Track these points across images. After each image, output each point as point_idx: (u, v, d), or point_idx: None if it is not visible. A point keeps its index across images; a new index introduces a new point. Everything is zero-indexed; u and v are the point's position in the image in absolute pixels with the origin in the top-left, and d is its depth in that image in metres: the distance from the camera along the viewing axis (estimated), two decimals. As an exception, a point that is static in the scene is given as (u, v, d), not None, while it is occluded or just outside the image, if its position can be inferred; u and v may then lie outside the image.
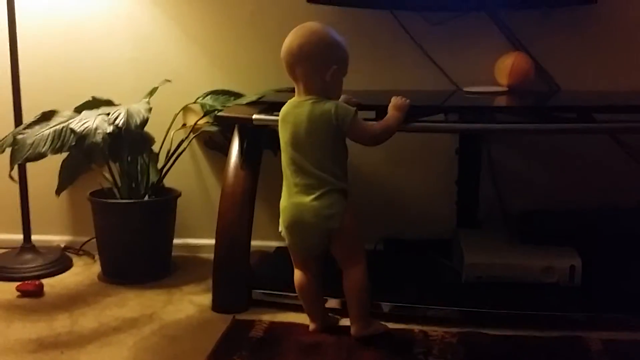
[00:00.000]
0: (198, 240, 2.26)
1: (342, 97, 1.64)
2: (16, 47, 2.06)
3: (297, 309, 1.75)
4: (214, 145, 2.20)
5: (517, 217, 2.04)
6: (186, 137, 2.13)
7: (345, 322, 1.66)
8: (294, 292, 1.77)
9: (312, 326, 1.66)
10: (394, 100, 1.62)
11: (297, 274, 1.64)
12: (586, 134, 2.00)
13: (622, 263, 1.90)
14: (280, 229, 1.62)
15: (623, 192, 2.06)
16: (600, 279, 1.82)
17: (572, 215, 2.00)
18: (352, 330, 1.59)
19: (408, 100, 1.62)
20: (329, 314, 1.70)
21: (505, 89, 1.98)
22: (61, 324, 1.75)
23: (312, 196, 1.53)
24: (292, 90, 2.05)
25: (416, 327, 1.67)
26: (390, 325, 1.66)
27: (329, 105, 1.53)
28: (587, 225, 1.97)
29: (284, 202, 1.59)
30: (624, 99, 1.90)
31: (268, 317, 1.75)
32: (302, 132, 1.54)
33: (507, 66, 1.95)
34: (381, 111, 1.63)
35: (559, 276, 1.79)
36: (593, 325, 1.64)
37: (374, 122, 1.59)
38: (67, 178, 2.21)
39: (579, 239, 1.88)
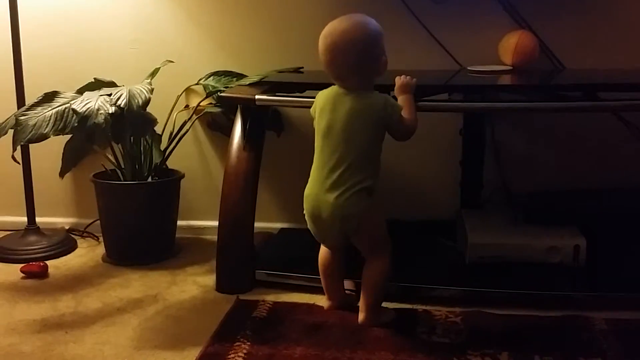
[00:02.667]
0: (201, 221, 2.26)
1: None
2: (18, 29, 2.05)
3: (300, 289, 1.76)
4: (216, 126, 2.19)
5: (521, 198, 2.03)
6: (189, 119, 2.13)
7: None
8: (298, 272, 1.78)
9: (327, 304, 1.66)
10: (400, 81, 1.59)
11: (322, 250, 1.63)
12: (591, 113, 1.99)
13: (626, 243, 1.89)
14: (304, 212, 1.58)
15: (627, 172, 2.04)
16: (604, 259, 1.81)
17: (576, 195, 2.00)
18: (360, 318, 1.58)
19: (414, 79, 1.60)
20: (347, 292, 1.70)
21: (509, 67, 1.96)
22: (65, 304, 1.76)
23: (335, 193, 1.49)
24: (295, 71, 2.06)
25: (420, 307, 1.67)
26: (395, 305, 1.66)
27: (378, 99, 1.51)
28: (591, 205, 1.96)
29: (308, 190, 1.56)
30: (628, 77, 1.88)
31: (272, 297, 1.75)
32: (340, 124, 1.51)
33: (512, 45, 1.94)
34: (384, 91, 1.62)
35: (562, 256, 1.79)
36: (597, 305, 1.64)
37: (406, 117, 1.54)
38: (70, 160, 2.21)
39: (583, 219, 1.88)
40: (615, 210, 1.95)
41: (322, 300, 1.68)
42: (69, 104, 1.81)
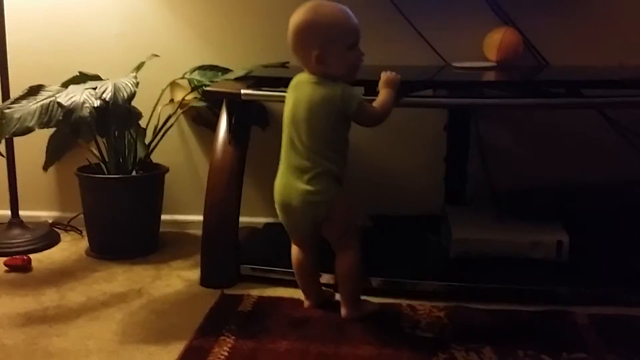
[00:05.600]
0: (186, 216, 2.26)
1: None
2: (3, 21, 2.04)
3: (285, 284, 1.76)
4: (201, 120, 2.19)
5: (504, 193, 2.05)
6: (174, 113, 2.12)
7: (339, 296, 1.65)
8: (282, 267, 1.78)
9: (306, 303, 1.66)
10: (384, 76, 1.59)
11: (294, 250, 1.63)
12: (574, 110, 2.01)
13: (609, 239, 1.91)
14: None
15: (611, 168, 2.07)
16: (587, 255, 1.83)
17: (560, 191, 2.02)
18: (342, 313, 1.59)
19: (398, 75, 1.60)
20: (324, 289, 1.70)
21: (494, 64, 1.98)
22: (49, 298, 1.75)
23: (303, 179, 1.51)
24: (281, 66, 2.06)
25: (404, 302, 1.68)
26: (379, 300, 1.67)
27: (334, 90, 1.50)
28: (574, 201, 1.98)
29: (277, 180, 1.57)
30: (612, 74, 1.90)
31: (257, 292, 1.75)
32: (301, 112, 1.51)
33: (496, 41, 1.95)
34: (370, 87, 1.63)
35: (546, 251, 1.80)
36: (580, 300, 1.65)
37: (373, 104, 1.54)
38: (54, 153, 2.20)
39: (566, 214, 1.89)
40: (598, 206, 1.97)
41: (306, 295, 1.69)
42: (54, 98, 1.80)
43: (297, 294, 1.69)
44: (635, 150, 2.04)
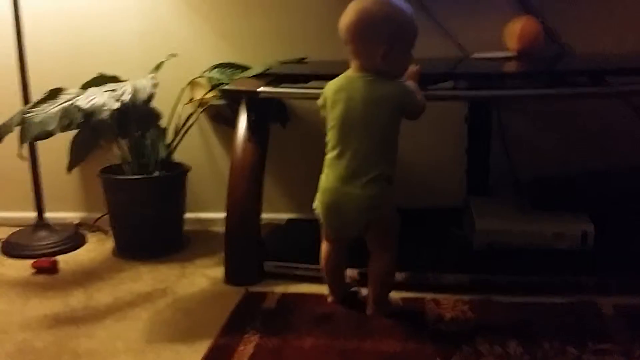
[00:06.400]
0: (209, 214, 2.27)
1: None
2: (21, 24, 2.06)
3: (309, 280, 1.77)
4: (221, 119, 2.19)
5: (527, 184, 2.03)
6: (194, 112, 2.13)
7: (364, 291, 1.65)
8: (306, 263, 1.78)
9: (330, 298, 1.66)
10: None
11: (326, 246, 1.61)
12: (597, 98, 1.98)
13: (634, 227, 1.88)
14: (315, 206, 1.55)
15: (635, 156, 2.03)
16: (612, 244, 1.81)
17: (583, 179, 1.99)
18: (368, 311, 1.59)
19: (419, 66, 1.59)
20: (348, 282, 1.70)
21: (514, 54, 1.95)
22: (76, 299, 1.77)
23: (357, 183, 1.47)
24: (299, 61, 2.06)
25: (428, 296, 1.67)
26: (402, 294, 1.67)
27: (393, 87, 1.48)
28: (599, 190, 1.95)
29: (325, 183, 1.52)
30: (635, 61, 1.87)
31: (280, 288, 1.76)
32: (357, 112, 1.47)
33: (516, 30, 1.93)
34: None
35: (571, 242, 1.79)
36: (605, 290, 1.64)
37: (418, 99, 1.52)
38: (77, 155, 2.22)
39: (590, 203, 1.87)
40: (623, 193, 1.94)
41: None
42: (73, 101, 1.81)
43: (321, 289, 1.70)
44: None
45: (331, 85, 1.54)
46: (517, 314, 1.57)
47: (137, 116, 1.80)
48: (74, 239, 2.17)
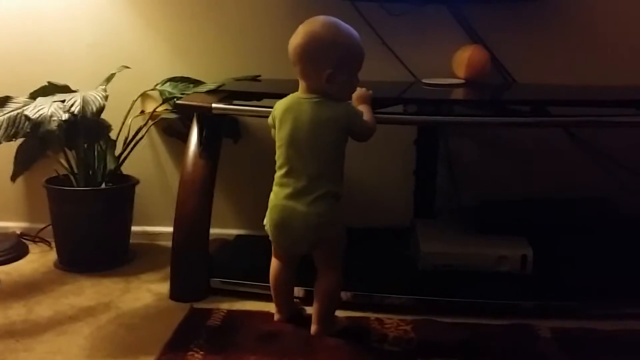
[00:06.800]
0: (156, 227, 2.26)
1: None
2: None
3: (255, 297, 1.77)
4: (172, 132, 2.19)
5: (472, 207, 2.08)
6: (144, 124, 2.12)
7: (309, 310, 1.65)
8: (253, 280, 1.79)
9: (277, 316, 1.66)
10: (358, 92, 1.60)
11: (275, 264, 1.62)
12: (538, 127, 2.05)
13: (572, 253, 1.94)
14: (265, 223, 1.56)
15: (575, 184, 2.11)
16: (551, 268, 1.86)
17: (526, 205, 2.05)
18: (313, 329, 1.59)
19: (370, 91, 1.62)
20: (296, 301, 1.70)
21: (462, 81, 2.01)
22: (16, 312, 1.73)
23: (305, 201, 1.48)
24: (252, 79, 2.07)
25: (372, 315, 1.69)
26: (347, 313, 1.69)
27: (339, 110, 1.50)
28: (540, 215, 2.02)
29: (274, 200, 1.53)
30: (577, 93, 1.95)
31: (226, 305, 1.76)
32: (303, 133, 1.49)
33: (464, 59, 1.98)
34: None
35: (511, 265, 1.84)
36: (543, 314, 1.69)
37: (366, 120, 1.55)
38: (22, 164, 2.17)
39: (532, 228, 1.93)
40: (563, 220, 2.02)
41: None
42: (21, 110, 1.78)
43: (267, 307, 1.70)
44: (597, 167, 2.09)
45: (280, 105, 1.56)
46: (459, 334, 1.60)
47: (86, 128, 1.78)
48: (16, 249, 2.12)
